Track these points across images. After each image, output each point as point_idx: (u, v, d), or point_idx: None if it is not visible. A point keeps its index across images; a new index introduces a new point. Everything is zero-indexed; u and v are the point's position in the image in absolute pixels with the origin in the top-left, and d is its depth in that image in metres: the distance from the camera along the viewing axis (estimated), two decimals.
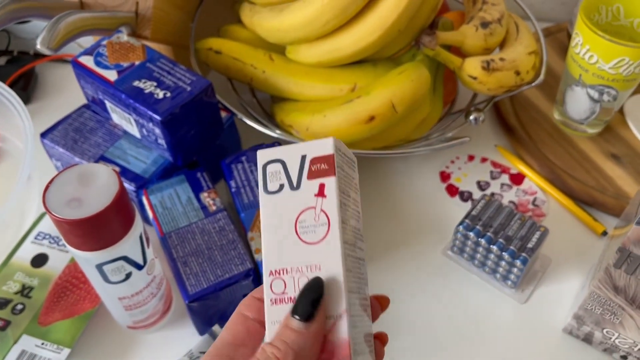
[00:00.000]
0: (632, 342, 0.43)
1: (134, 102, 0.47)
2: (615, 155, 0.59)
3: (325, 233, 0.25)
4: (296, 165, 0.27)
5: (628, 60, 0.51)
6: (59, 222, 0.35)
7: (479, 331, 0.48)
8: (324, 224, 0.25)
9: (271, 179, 0.27)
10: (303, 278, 0.25)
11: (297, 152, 0.27)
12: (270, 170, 0.27)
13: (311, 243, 0.25)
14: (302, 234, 0.26)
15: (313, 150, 0.27)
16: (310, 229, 0.26)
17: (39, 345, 0.45)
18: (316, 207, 0.26)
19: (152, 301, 0.45)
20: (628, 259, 0.38)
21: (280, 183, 0.27)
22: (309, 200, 0.26)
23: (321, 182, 0.26)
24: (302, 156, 0.27)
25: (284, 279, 0.26)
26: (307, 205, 0.26)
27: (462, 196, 0.57)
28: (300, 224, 0.26)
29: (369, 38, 0.48)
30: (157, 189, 0.49)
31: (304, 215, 0.26)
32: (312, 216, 0.26)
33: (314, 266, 0.25)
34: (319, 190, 0.26)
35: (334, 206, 0.26)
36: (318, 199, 0.26)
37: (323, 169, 0.26)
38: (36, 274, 0.49)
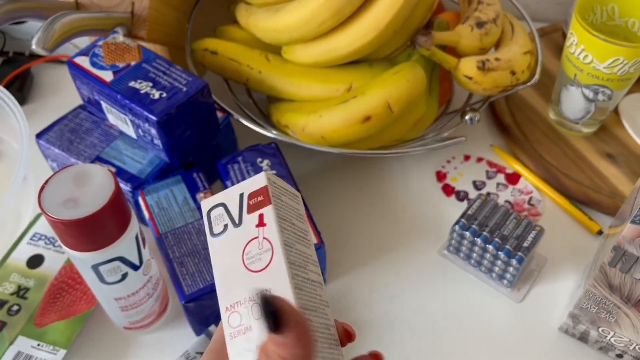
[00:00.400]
0: (627, 340, 0.44)
1: (129, 102, 0.47)
2: (610, 154, 0.59)
3: (270, 258, 0.26)
4: (236, 204, 0.28)
5: (623, 60, 0.51)
6: (54, 223, 0.35)
7: (475, 330, 0.48)
8: (268, 250, 0.26)
9: (215, 223, 0.28)
10: (255, 306, 0.26)
11: (235, 193, 0.28)
12: (214, 215, 0.28)
13: (258, 271, 0.26)
14: (249, 265, 0.26)
15: (249, 187, 0.28)
16: (255, 258, 0.26)
17: (35, 346, 0.45)
18: (259, 236, 0.27)
19: (149, 302, 0.45)
20: (623, 258, 0.38)
21: (224, 224, 0.28)
22: (252, 232, 0.27)
23: (260, 213, 0.27)
24: (240, 194, 0.28)
25: (239, 312, 0.26)
26: (251, 237, 0.27)
27: (458, 196, 0.57)
28: (247, 255, 0.27)
29: (365, 38, 0.48)
30: (153, 189, 0.49)
31: (249, 247, 0.27)
32: (257, 245, 0.27)
33: (265, 290, 0.26)
34: (259, 220, 0.27)
35: (274, 231, 0.26)
36: (259, 229, 0.27)
37: (259, 200, 0.27)
38: (32, 275, 0.49)
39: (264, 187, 0.28)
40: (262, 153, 0.51)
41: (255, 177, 0.28)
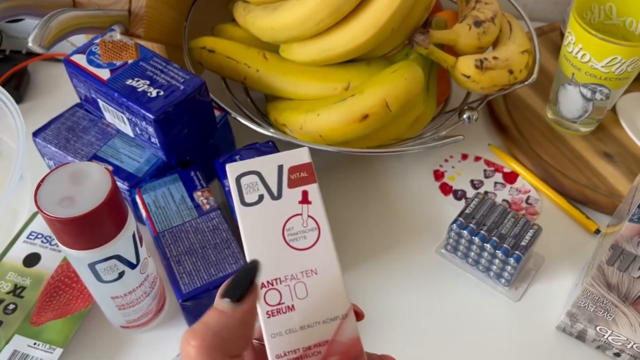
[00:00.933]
0: (625, 339, 0.44)
1: (127, 100, 0.47)
2: (608, 153, 0.59)
3: (317, 237, 0.26)
4: (274, 175, 0.27)
5: (620, 59, 0.51)
6: (51, 221, 0.35)
7: (473, 329, 0.48)
8: (314, 229, 0.26)
9: (247, 191, 0.27)
10: (300, 284, 0.25)
11: (272, 163, 0.27)
12: (246, 183, 0.27)
13: (303, 249, 0.26)
14: (291, 241, 0.26)
15: (289, 160, 0.27)
16: (299, 235, 0.26)
17: (32, 345, 0.45)
18: (302, 214, 0.26)
19: (146, 300, 0.45)
20: (621, 256, 0.38)
21: (259, 194, 0.27)
22: (294, 208, 0.26)
23: (304, 189, 0.27)
24: (279, 166, 0.27)
25: (278, 289, 0.25)
26: (293, 213, 0.26)
27: (456, 195, 0.57)
28: (288, 231, 0.26)
29: (363, 37, 0.48)
30: (150, 187, 0.49)
31: (290, 223, 0.26)
32: (300, 223, 0.26)
33: (310, 271, 0.25)
34: (303, 197, 0.27)
35: (320, 210, 0.26)
36: (303, 206, 0.26)
37: (303, 176, 0.27)
38: (28, 274, 0.48)
39: (308, 164, 0.27)
40: (259, 152, 0.51)
41: (297, 151, 0.27)
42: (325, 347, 0.24)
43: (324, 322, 0.25)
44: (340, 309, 0.25)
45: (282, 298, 0.25)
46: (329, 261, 0.25)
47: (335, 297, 0.25)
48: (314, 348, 0.25)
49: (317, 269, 0.25)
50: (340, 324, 0.25)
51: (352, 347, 0.24)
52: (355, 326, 0.25)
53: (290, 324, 0.25)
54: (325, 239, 0.26)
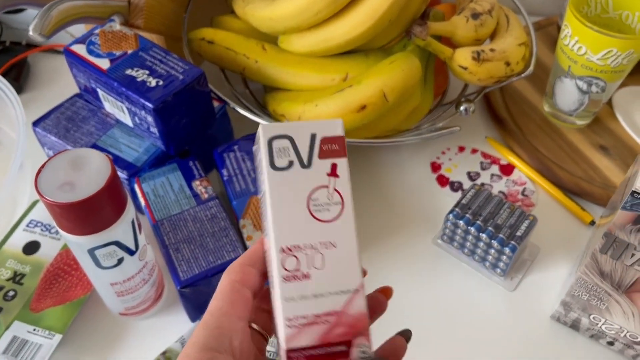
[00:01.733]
0: (618, 327, 0.44)
1: (126, 90, 0.48)
2: (603, 146, 0.60)
3: (340, 211, 0.26)
4: (306, 143, 0.27)
5: (616, 52, 0.52)
6: (51, 206, 0.36)
7: (468, 318, 0.48)
8: (338, 203, 0.26)
9: (278, 155, 0.27)
10: (317, 255, 0.26)
11: (306, 130, 0.27)
12: (278, 146, 0.27)
13: (325, 221, 0.26)
14: (315, 212, 0.26)
15: (323, 130, 0.27)
16: (324, 207, 0.26)
17: (31, 331, 0.45)
18: (329, 186, 0.26)
19: (144, 287, 0.45)
20: (614, 244, 0.39)
21: (289, 160, 0.27)
22: (322, 179, 0.26)
23: (333, 162, 0.27)
24: (312, 135, 0.27)
25: (297, 256, 0.26)
26: (320, 184, 0.26)
27: (453, 186, 0.58)
28: (313, 201, 0.26)
29: (361, 28, 0.48)
30: (149, 177, 0.49)
31: (317, 193, 0.26)
32: (325, 195, 0.26)
33: (329, 243, 0.26)
34: (332, 169, 0.27)
35: (347, 186, 0.26)
36: (331, 179, 0.27)
37: (334, 149, 0.27)
38: (28, 261, 0.49)
39: (340, 137, 0.27)
40: None
41: (332, 122, 0.27)
42: (334, 317, 0.25)
43: (336, 294, 0.25)
44: (353, 283, 0.25)
45: (299, 265, 0.26)
46: (349, 236, 0.26)
47: (349, 272, 0.26)
48: (323, 317, 0.25)
49: (336, 242, 0.26)
50: (351, 297, 0.25)
51: (359, 321, 0.25)
52: (364, 302, 0.26)
53: (304, 290, 0.26)
54: (347, 214, 0.26)
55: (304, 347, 0.25)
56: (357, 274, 0.26)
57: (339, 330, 0.25)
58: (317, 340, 0.25)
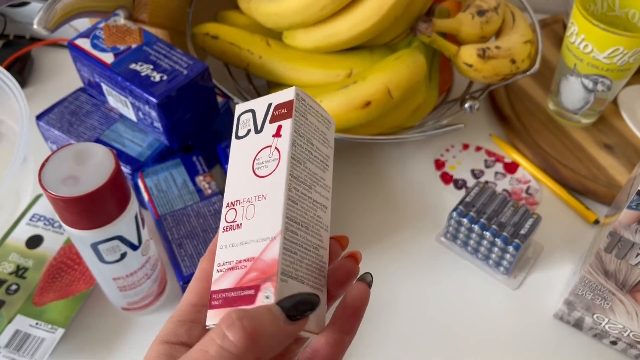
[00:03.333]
0: (621, 327, 0.44)
1: (130, 84, 0.48)
2: (608, 145, 0.60)
3: (275, 167, 0.27)
4: (262, 112, 0.29)
5: (622, 50, 0.51)
6: (54, 200, 0.35)
7: (471, 317, 0.48)
8: (276, 159, 0.28)
9: (242, 126, 0.30)
10: (251, 207, 0.27)
11: (265, 102, 0.29)
12: (242, 120, 0.30)
13: (262, 176, 0.28)
14: (256, 169, 0.28)
15: (278, 98, 0.29)
16: (263, 165, 0.28)
17: (33, 325, 0.45)
18: (272, 145, 0.28)
19: (147, 282, 0.45)
20: (619, 244, 0.38)
21: (248, 129, 0.29)
22: (267, 140, 0.28)
23: (279, 124, 0.28)
24: (269, 104, 0.29)
25: (236, 209, 0.28)
26: (265, 144, 0.28)
27: (457, 184, 0.58)
28: (257, 160, 0.28)
29: (366, 24, 0.48)
30: (152, 172, 0.49)
31: (261, 153, 0.28)
32: (267, 153, 0.28)
33: (261, 196, 0.27)
34: (277, 130, 0.28)
35: (286, 143, 0.27)
36: (274, 139, 0.28)
37: (283, 113, 0.28)
38: (31, 255, 0.49)
39: (289, 101, 0.28)
40: None
41: (286, 90, 0.29)
42: (250, 263, 0.26)
43: (257, 241, 0.26)
44: (272, 231, 0.26)
45: (236, 217, 0.28)
46: (278, 188, 0.27)
47: (272, 220, 0.26)
48: (243, 262, 0.26)
49: (267, 194, 0.27)
50: (268, 244, 0.26)
51: (270, 267, 0.26)
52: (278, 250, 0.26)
53: (235, 239, 0.27)
54: (281, 169, 0.27)
55: (223, 289, 0.26)
56: (278, 223, 0.26)
57: (252, 275, 0.26)
58: (233, 283, 0.26)
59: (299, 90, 0.29)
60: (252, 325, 0.23)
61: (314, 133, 0.30)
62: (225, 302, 0.26)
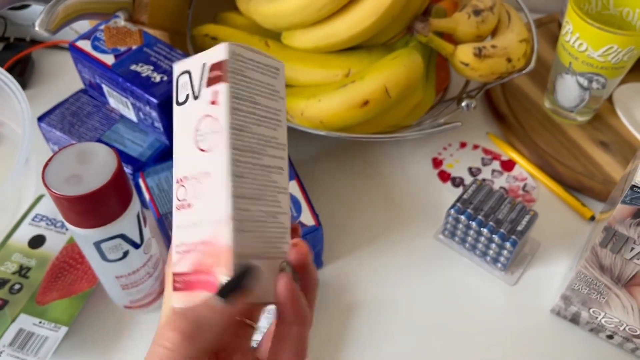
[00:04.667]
0: (617, 321, 0.45)
1: (131, 85, 0.48)
2: (604, 142, 0.60)
3: (216, 140, 0.25)
4: (198, 74, 0.26)
5: (617, 48, 0.52)
6: (58, 199, 0.36)
7: (469, 312, 0.49)
8: (216, 132, 0.25)
9: (181, 91, 0.27)
10: (199, 185, 0.26)
11: (199, 61, 0.26)
12: (181, 82, 0.27)
13: (205, 150, 0.26)
14: (199, 142, 0.26)
15: (211, 58, 0.26)
16: (205, 137, 0.26)
17: (37, 323, 0.46)
18: (211, 115, 0.25)
19: (149, 281, 0.46)
20: (613, 238, 0.39)
21: (186, 93, 0.27)
22: (206, 109, 0.26)
23: (215, 89, 0.25)
24: (203, 64, 0.26)
25: (185, 186, 0.26)
26: (204, 113, 0.26)
27: (454, 182, 0.58)
28: (198, 133, 0.26)
29: (364, 23, 0.49)
30: (153, 171, 0.50)
31: (201, 123, 0.26)
32: (208, 124, 0.26)
33: (206, 173, 0.25)
34: (213, 97, 0.25)
35: (224, 112, 0.25)
36: (212, 107, 0.25)
37: (217, 75, 0.25)
38: (34, 255, 0.49)
39: (222, 62, 0.25)
40: None
41: (217, 47, 0.26)
42: (205, 247, 0.25)
43: (208, 223, 0.25)
44: (220, 213, 0.25)
45: (186, 195, 0.26)
46: (220, 165, 0.25)
47: (219, 201, 0.25)
48: (199, 245, 0.25)
49: (211, 172, 0.25)
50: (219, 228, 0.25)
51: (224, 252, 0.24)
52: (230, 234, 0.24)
53: (187, 219, 0.26)
54: (221, 143, 0.25)
55: (183, 272, 0.26)
56: (226, 204, 0.25)
57: (208, 260, 0.25)
58: (191, 267, 0.25)
59: (232, 45, 0.26)
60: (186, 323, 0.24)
61: (257, 90, 0.26)
62: (186, 285, 0.25)
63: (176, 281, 0.26)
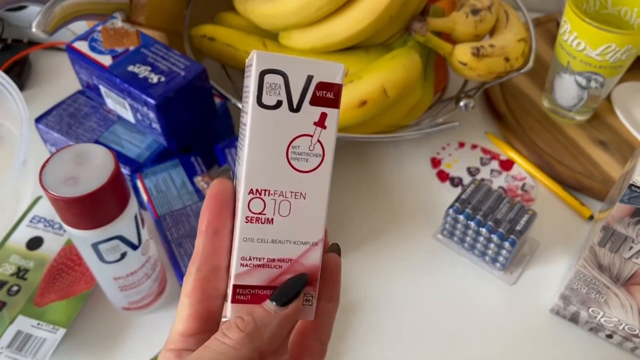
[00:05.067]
0: (616, 320, 0.44)
1: (128, 86, 0.48)
2: (603, 141, 0.60)
3: (318, 164, 0.25)
4: (300, 85, 0.25)
5: (615, 47, 0.52)
6: (55, 200, 0.36)
7: (468, 312, 0.49)
8: (319, 155, 0.25)
9: (268, 92, 0.25)
10: (285, 203, 0.25)
11: (303, 69, 0.25)
12: (269, 81, 0.25)
13: (301, 171, 0.25)
14: (292, 160, 0.25)
15: (321, 74, 0.25)
16: (302, 157, 0.25)
17: (35, 325, 0.45)
18: (313, 136, 0.25)
19: (147, 282, 0.45)
20: (612, 237, 0.39)
21: (278, 99, 0.25)
22: (307, 127, 0.25)
23: (323, 111, 0.25)
24: (309, 77, 0.25)
25: (264, 200, 0.25)
26: (304, 132, 0.25)
27: (453, 182, 0.58)
28: (293, 149, 0.25)
29: (361, 24, 0.49)
30: (151, 172, 0.50)
31: (298, 140, 0.25)
32: (307, 144, 0.25)
33: (299, 194, 0.25)
34: (320, 119, 0.25)
35: (331, 139, 0.25)
36: (317, 128, 0.25)
37: (328, 97, 0.25)
38: (31, 257, 0.49)
39: (338, 86, 0.25)
40: None
41: (332, 66, 0.25)
42: (287, 264, 0.26)
43: (294, 243, 0.26)
44: (314, 236, 0.26)
45: (265, 209, 0.25)
46: (321, 191, 0.25)
47: (313, 225, 0.25)
48: (277, 262, 0.26)
49: (307, 194, 0.25)
50: (309, 249, 0.26)
51: (311, 272, 0.26)
52: (319, 256, 0.26)
53: (265, 234, 0.26)
54: (325, 169, 0.25)
55: (252, 285, 0.26)
56: (320, 229, 0.25)
57: (288, 276, 0.26)
58: (265, 281, 0.26)
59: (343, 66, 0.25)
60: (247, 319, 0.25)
61: None
62: (254, 298, 0.26)
63: (239, 293, 0.26)
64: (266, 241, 0.26)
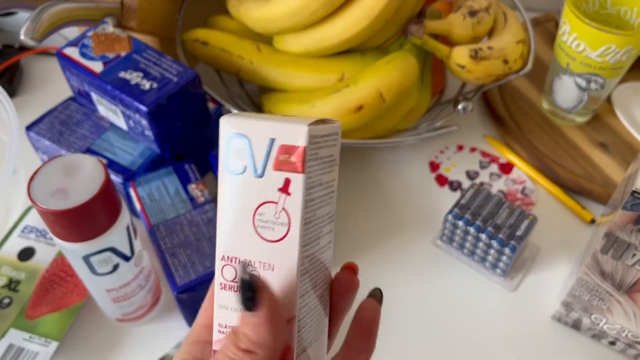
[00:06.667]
0: (619, 327, 0.44)
1: (120, 93, 0.47)
2: (603, 143, 0.59)
3: (284, 234, 0.23)
4: (263, 148, 0.23)
5: (615, 48, 0.51)
6: (44, 213, 0.35)
7: (468, 319, 0.48)
8: (284, 224, 0.23)
9: (234, 156, 0.24)
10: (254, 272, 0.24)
11: (266, 132, 0.23)
12: (235, 147, 0.24)
13: (268, 240, 0.24)
14: (259, 228, 0.24)
15: (283, 135, 0.23)
16: (268, 225, 0.24)
17: (27, 338, 0.45)
18: (278, 203, 0.23)
19: (141, 293, 0.44)
20: (614, 245, 0.38)
21: (243, 165, 0.24)
22: (271, 193, 0.23)
23: (287, 177, 0.23)
24: (271, 139, 0.23)
25: (235, 267, 0.24)
26: (268, 199, 0.23)
27: (452, 186, 0.57)
28: (259, 216, 0.24)
29: (356, 27, 0.48)
30: (144, 180, 0.49)
31: (263, 208, 0.24)
32: (272, 212, 0.23)
33: (267, 265, 0.24)
34: (284, 185, 0.23)
35: (297, 208, 0.23)
36: (281, 195, 0.23)
37: (291, 161, 0.23)
38: (23, 268, 0.48)
39: (299, 148, 0.23)
40: None
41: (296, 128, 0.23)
42: None
43: None
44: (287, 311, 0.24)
45: (236, 277, 0.24)
46: (289, 264, 0.23)
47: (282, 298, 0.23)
48: None
49: (275, 266, 0.24)
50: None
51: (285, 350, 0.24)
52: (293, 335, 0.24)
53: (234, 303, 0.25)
54: (291, 240, 0.23)
55: None
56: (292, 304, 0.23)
57: None
58: None
59: (312, 128, 0.23)
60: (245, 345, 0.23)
61: (323, 168, 0.24)
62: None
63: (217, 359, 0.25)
64: (235, 309, 0.24)
